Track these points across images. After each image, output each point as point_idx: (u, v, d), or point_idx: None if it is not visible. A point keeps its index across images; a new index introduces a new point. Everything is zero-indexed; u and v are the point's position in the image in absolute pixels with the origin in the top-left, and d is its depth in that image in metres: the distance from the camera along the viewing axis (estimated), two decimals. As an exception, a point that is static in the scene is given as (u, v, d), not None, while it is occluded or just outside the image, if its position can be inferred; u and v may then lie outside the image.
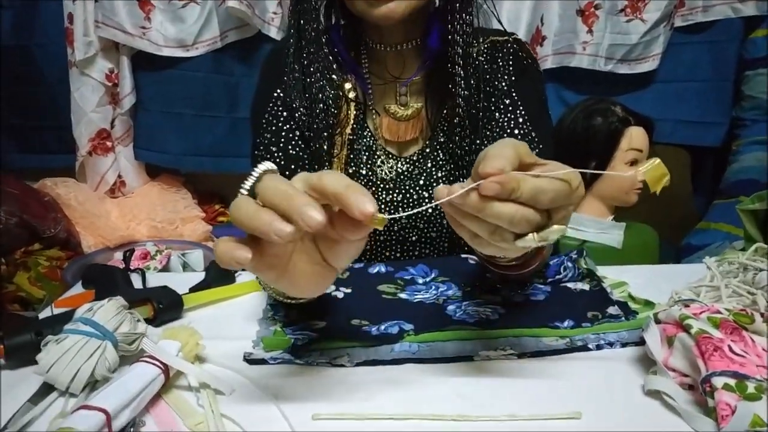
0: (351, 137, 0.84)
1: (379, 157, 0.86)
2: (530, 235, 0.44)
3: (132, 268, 1.22)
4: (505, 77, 0.83)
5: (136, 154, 1.93)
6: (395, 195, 0.86)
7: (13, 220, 1.64)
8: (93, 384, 0.56)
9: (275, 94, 0.83)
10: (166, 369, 0.55)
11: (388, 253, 0.89)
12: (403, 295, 0.75)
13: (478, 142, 0.81)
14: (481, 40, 0.82)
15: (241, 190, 0.43)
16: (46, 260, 1.71)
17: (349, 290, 0.76)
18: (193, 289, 0.79)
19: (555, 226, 0.44)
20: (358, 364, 0.60)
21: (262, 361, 0.61)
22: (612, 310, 0.69)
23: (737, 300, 0.63)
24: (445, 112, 0.83)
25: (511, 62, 0.83)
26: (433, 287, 0.77)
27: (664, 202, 1.65)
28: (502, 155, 0.42)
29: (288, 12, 0.81)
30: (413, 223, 0.86)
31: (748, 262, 0.67)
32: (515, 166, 0.43)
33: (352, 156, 0.85)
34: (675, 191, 1.94)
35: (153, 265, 1.67)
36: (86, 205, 1.85)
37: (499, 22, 0.84)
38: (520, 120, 0.81)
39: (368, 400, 0.54)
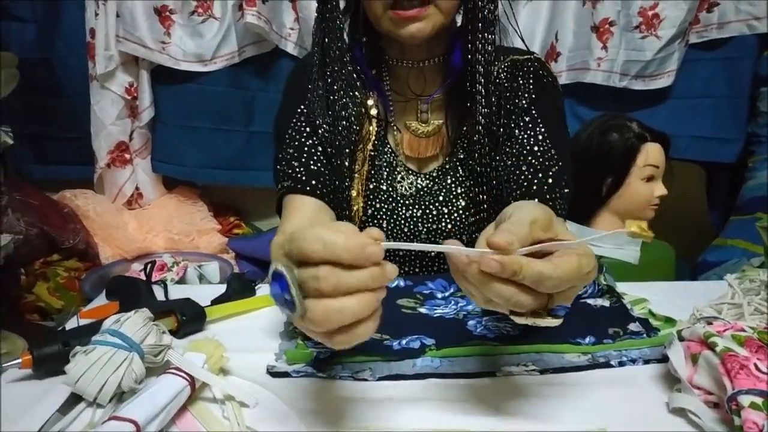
0: (372, 153, 0.85)
1: (399, 173, 0.87)
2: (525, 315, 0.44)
3: (154, 280, 1.23)
4: (526, 95, 0.83)
5: (153, 167, 1.95)
6: (415, 211, 0.87)
7: (33, 230, 1.66)
8: (120, 395, 0.56)
9: (299, 110, 0.84)
10: (192, 381, 0.55)
11: (407, 268, 0.89)
12: (422, 310, 0.76)
13: (497, 158, 0.81)
14: (502, 59, 0.83)
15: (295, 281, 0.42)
16: (65, 271, 1.73)
17: None
18: (215, 302, 0.79)
19: (549, 319, 0.44)
20: (380, 379, 0.60)
21: (285, 374, 0.61)
22: (633, 326, 0.70)
23: (760, 318, 0.63)
24: (465, 128, 0.83)
25: (531, 81, 0.84)
26: (453, 302, 0.77)
27: (680, 218, 1.64)
28: (513, 233, 0.41)
29: (312, 29, 0.82)
30: (432, 239, 0.87)
31: (769, 280, 0.67)
32: (526, 244, 0.42)
33: (372, 172, 0.86)
34: (690, 207, 1.93)
35: (170, 277, 1.68)
36: (104, 217, 1.87)
37: (522, 41, 0.85)
38: (540, 137, 0.81)
39: (391, 414, 0.54)
